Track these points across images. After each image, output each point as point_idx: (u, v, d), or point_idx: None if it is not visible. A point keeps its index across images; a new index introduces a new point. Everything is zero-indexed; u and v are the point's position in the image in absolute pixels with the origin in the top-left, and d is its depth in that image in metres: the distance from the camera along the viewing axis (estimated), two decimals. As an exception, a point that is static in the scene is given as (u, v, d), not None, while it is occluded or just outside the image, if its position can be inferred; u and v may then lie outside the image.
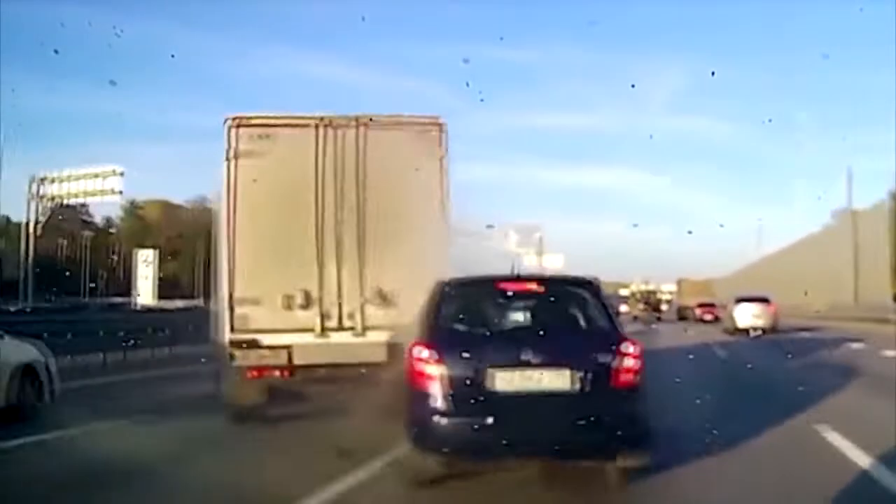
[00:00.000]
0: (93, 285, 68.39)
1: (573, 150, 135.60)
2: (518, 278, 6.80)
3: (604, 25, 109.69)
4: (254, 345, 8.79)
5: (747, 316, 29.27)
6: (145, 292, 53.76)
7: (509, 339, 6.19)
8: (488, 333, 6.40)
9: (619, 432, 5.73)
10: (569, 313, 6.61)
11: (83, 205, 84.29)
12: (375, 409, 7.41)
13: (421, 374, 5.88)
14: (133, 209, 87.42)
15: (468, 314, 6.45)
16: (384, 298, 8.89)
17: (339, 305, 8.95)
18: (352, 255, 8.96)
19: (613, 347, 5.96)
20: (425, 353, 5.93)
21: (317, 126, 9.12)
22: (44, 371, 9.92)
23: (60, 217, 78.93)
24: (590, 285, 6.88)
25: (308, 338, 8.90)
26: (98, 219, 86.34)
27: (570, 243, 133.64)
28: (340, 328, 8.96)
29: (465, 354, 5.89)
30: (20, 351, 9.71)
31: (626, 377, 5.90)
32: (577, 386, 5.78)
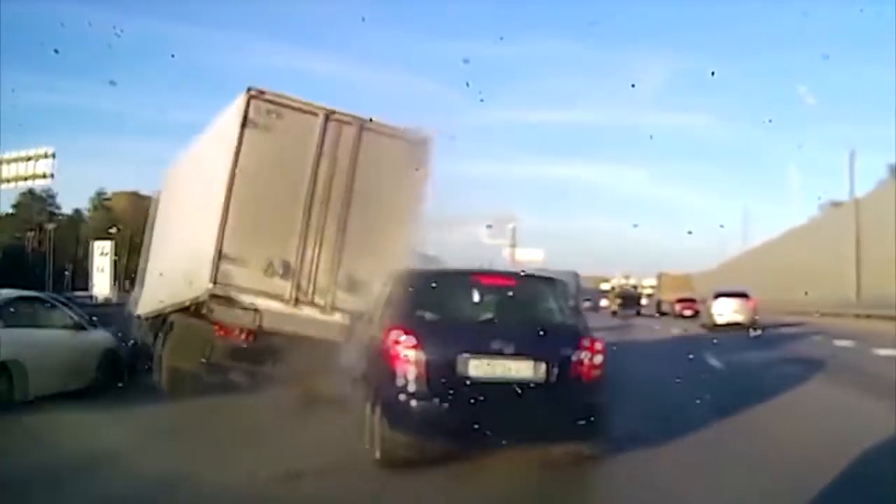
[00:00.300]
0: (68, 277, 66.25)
1: (559, 146, 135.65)
2: (490, 272, 7.34)
3: (595, 22, 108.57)
4: (231, 302, 9.39)
5: (726, 311, 28.84)
6: (102, 285, 51.23)
7: (482, 329, 6.52)
8: (462, 322, 6.75)
9: (581, 421, 6.12)
10: (538, 308, 6.95)
11: (51, 195, 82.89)
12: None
13: (399, 357, 6.17)
14: (101, 200, 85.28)
15: (442, 304, 6.81)
16: (353, 284, 9.46)
17: (314, 282, 9.55)
18: (331, 240, 9.58)
19: (578, 342, 6.43)
20: (404, 337, 6.23)
21: (324, 115, 9.72)
22: (120, 355, 11.49)
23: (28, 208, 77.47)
24: (558, 282, 7.37)
25: (279, 305, 9.49)
26: (68, 210, 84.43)
27: (552, 237, 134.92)
28: (311, 303, 9.58)
29: (441, 341, 6.25)
30: (105, 338, 11.35)
31: (588, 370, 6.37)
32: (544, 376, 6.24)
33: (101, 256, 52.95)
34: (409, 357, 6.18)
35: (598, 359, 6.45)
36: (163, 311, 11.28)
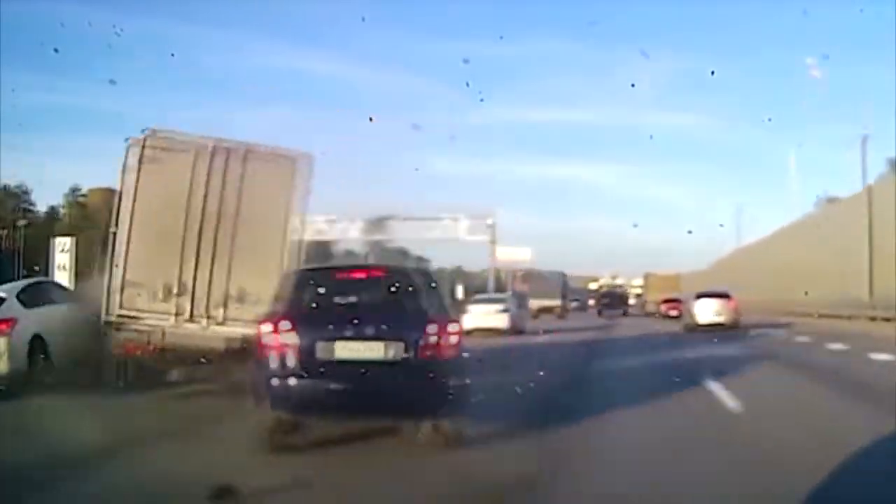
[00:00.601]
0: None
1: (556, 146, 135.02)
2: (361, 267, 8.45)
3: (595, 21, 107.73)
4: (135, 322, 10.62)
5: (707, 312, 28.41)
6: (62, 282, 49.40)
7: (347, 316, 7.24)
8: (332, 311, 7.44)
9: (436, 398, 6.92)
10: (399, 296, 7.49)
11: (25, 192, 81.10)
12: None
13: (276, 343, 6.95)
14: (75, 197, 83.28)
15: (316, 295, 7.56)
16: (244, 297, 10.56)
17: (209, 298, 10.64)
18: (223, 259, 10.65)
19: (429, 325, 7.07)
20: (283, 324, 7.04)
21: (211, 146, 10.88)
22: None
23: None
24: (424, 274, 8.29)
25: (179, 321, 10.64)
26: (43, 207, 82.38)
27: (547, 237, 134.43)
28: (207, 317, 10.64)
29: (312, 328, 7.03)
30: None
31: (441, 351, 7.02)
32: (396, 357, 6.92)
33: (62, 254, 50.74)
34: (284, 342, 6.90)
35: (452, 340, 7.08)
36: None
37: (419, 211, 49.66)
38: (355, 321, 7.06)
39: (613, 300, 60.07)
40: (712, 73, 73.36)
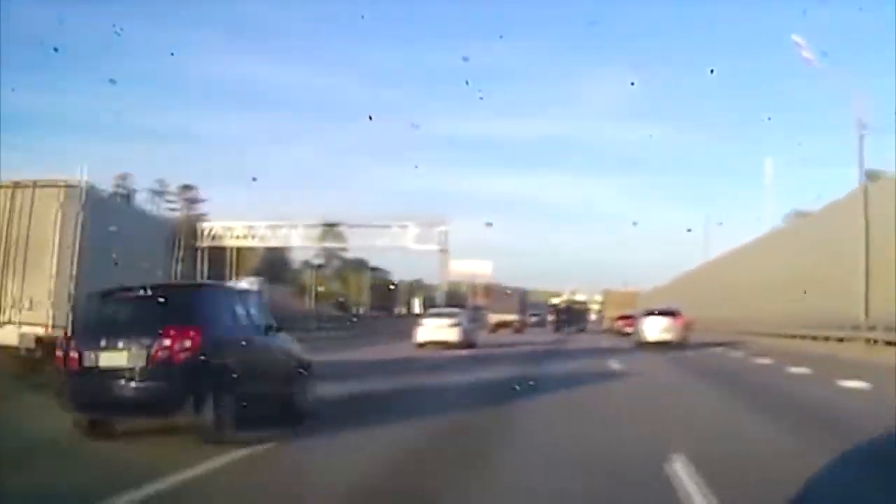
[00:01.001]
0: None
1: (520, 158, 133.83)
2: (134, 288, 8.83)
3: (551, 31, 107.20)
4: None
5: (654, 329, 28.41)
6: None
7: (110, 330, 8.30)
8: (103, 325, 8.49)
9: (172, 397, 7.90)
10: (156, 311, 8.38)
11: None
12: None
13: (65, 354, 8.30)
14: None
15: (99, 313, 8.88)
16: (36, 305, 12.83)
17: (11, 307, 12.97)
18: (20, 274, 12.99)
19: (164, 334, 7.97)
20: (71, 338, 8.78)
21: (12, 186, 13.31)
22: None
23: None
24: (190, 290, 9.97)
25: None
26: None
27: (510, 251, 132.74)
28: (9, 322, 12.90)
29: (86, 340, 8.27)
30: None
31: (175, 356, 7.93)
32: (137, 362, 7.91)
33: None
34: (70, 353, 8.23)
35: (185, 345, 7.99)
36: None
37: (367, 218, 46.70)
38: (113, 334, 8.19)
39: (571, 316, 59.48)
40: (712, 71, 70.47)
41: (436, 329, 28.24)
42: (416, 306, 73.14)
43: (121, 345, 7.95)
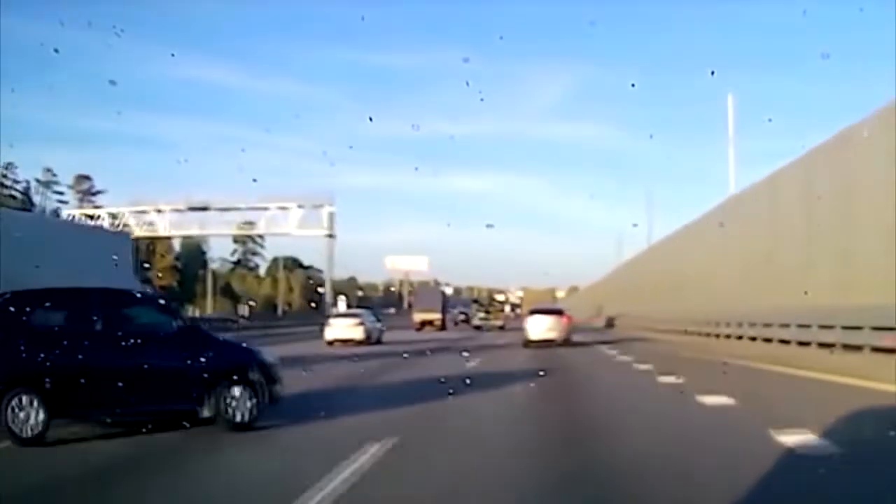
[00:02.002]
0: None
1: (455, 157, 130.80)
2: None
3: (489, 32, 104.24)
4: None
5: (538, 328, 28.43)
6: None
7: None
8: None
9: None
10: None
11: None
12: None
13: None
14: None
15: None
16: None
17: None
18: None
19: None
20: None
21: None
22: None
23: None
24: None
25: None
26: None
27: (451, 248, 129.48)
28: None
29: None
30: None
31: None
32: None
33: None
34: None
35: None
36: None
37: (241, 201, 41.11)
38: None
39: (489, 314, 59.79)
40: (712, 72, 64.55)
41: (343, 328, 31.37)
42: (342, 305, 69.99)
43: None
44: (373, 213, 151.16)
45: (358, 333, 30.71)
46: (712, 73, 59.89)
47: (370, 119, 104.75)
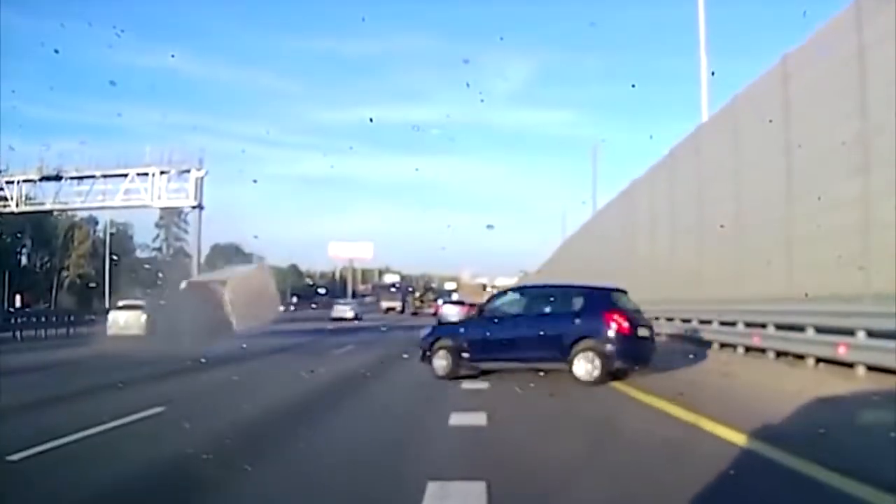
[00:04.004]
0: None
1: (410, 143, 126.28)
2: None
3: (448, 15, 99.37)
4: None
5: (450, 313, 33.18)
6: None
7: None
8: None
9: None
10: None
11: None
12: None
13: None
14: None
15: None
16: None
17: None
18: None
19: None
20: None
21: None
22: None
23: None
24: None
25: None
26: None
27: (400, 233, 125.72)
28: None
29: None
30: None
31: None
32: None
33: None
34: None
35: None
36: None
37: (98, 167, 35.30)
38: None
39: (423, 302, 68.18)
40: (712, 73, 59.25)
41: (341, 310, 46.47)
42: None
43: None
44: (316, 199, 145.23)
45: (350, 314, 49.87)
46: (712, 73, 55.42)
47: (370, 119, 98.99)
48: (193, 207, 34.71)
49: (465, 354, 11.65)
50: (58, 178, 35.65)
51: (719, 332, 15.24)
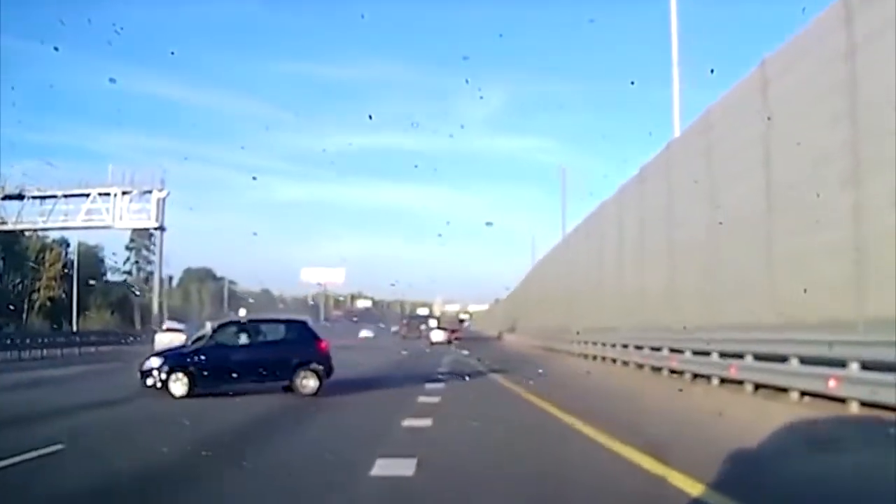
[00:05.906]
0: None
1: (389, 171, 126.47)
2: None
3: (425, 45, 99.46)
4: None
5: (437, 336, 45.52)
6: None
7: None
8: None
9: None
10: None
11: None
12: None
13: None
14: None
15: None
16: None
17: None
18: None
19: None
20: None
21: None
22: None
23: None
24: None
25: None
26: None
27: (377, 260, 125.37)
28: None
29: None
30: None
31: None
32: None
33: None
34: None
35: None
36: None
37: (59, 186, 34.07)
38: None
39: (411, 328, 67.80)
40: (712, 70, 59.01)
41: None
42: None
43: None
44: (290, 224, 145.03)
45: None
46: (712, 70, 55.77)
47: (369, 117, 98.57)
48: (156, 229, 33.45)
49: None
50: (20, 196, 34.50)
51: (691, 361, 14.11)
